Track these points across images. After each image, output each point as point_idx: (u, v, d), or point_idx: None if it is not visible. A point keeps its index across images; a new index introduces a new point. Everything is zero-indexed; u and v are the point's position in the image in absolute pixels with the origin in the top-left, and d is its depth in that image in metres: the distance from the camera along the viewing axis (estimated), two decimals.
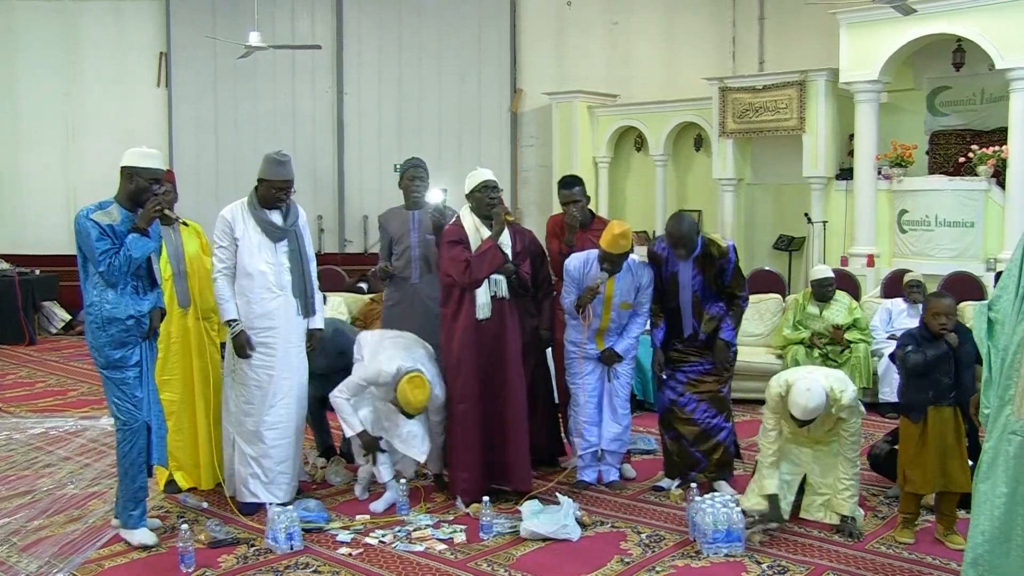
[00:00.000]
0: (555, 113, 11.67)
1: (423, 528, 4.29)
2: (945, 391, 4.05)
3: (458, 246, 4.63)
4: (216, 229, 4.50)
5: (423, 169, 5.33)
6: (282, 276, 4.50)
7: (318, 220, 12.21)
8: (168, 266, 4.71)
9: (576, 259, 4.75)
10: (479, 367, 4.61)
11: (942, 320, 4.06)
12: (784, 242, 10.13)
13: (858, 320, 6.72)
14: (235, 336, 4.42)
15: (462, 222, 4.71)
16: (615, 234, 4.49)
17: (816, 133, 9.40)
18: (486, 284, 4.62)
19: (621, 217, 11.88)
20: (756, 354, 7.08)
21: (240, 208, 4.51)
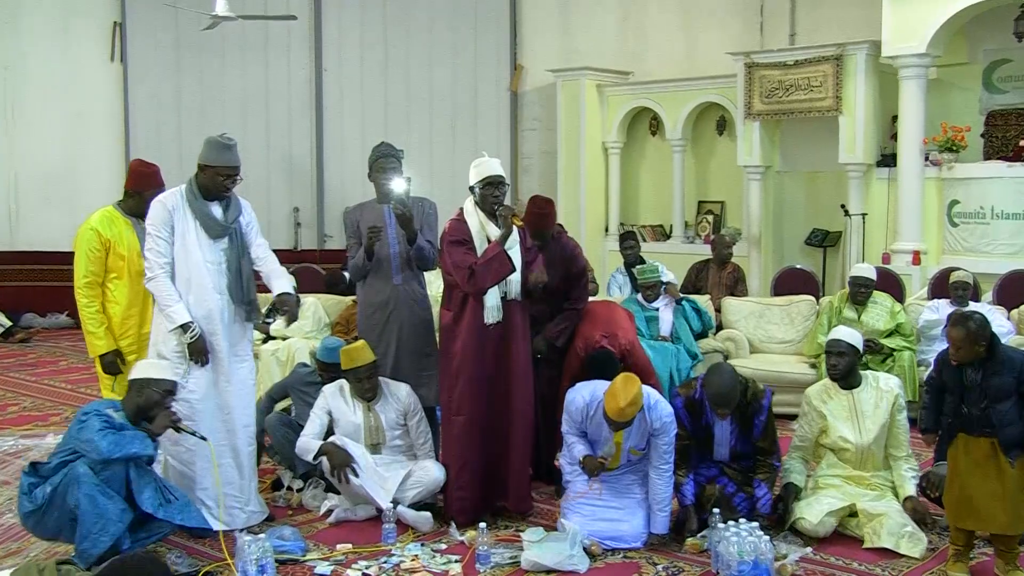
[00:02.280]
0: (560, 93, 11.66)
1: (412, 559, 4.27)
2: (973, 422, 4.04)
3: (461, 248, 4.64)
4: (151, 217, 4.49)
5: (395, 159, 5.23)
6: (221, 277, 4.54)
7: (294, 213, 12.21)
8: (138, 260, 4.79)
9: (579, 398, 4.57)
10: (482, 377, 4.65)
11: (952, 351, 4.08)
12: (818, 237, 10.11)
13: (901, 325, 6.72)
14: (194, 341, 4.43)
15: (465, 217, 4.72)
16: (622, 407, 4.27)
17: (854, 114, 9.39)
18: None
19: (635, 210, 11.93)
20: (786, 363, 7.09)
21: (179, 197, 4.51)
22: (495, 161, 4.75)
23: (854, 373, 4.71)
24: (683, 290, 8.08)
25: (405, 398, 4.97)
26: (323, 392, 5.01)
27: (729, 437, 4.65)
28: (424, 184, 12.14)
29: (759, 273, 10.16)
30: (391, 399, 4.96)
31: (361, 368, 4.86)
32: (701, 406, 4.60)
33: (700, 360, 6.85)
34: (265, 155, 12.15)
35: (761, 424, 4.63)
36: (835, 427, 4.67)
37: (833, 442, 4.68)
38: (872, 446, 4.63)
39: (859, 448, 4.63)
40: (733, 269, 8.33)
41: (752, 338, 7.45)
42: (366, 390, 4.89)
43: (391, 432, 4.95)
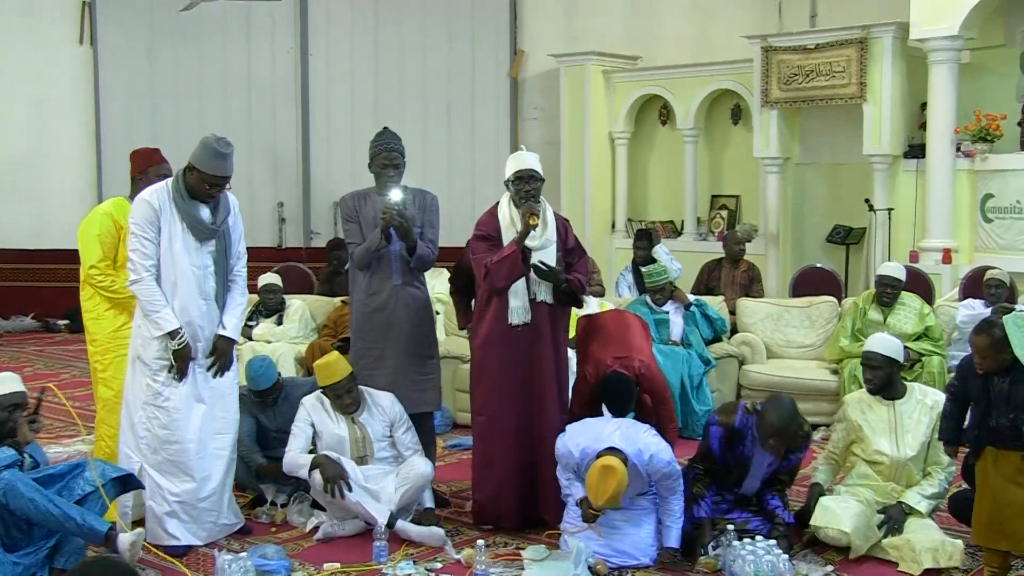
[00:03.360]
0: (563, 79, 11.65)
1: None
2: (1000, 433, 4.02)
3: (484, 243, 4.78)
4: (135, 215, 4.48)
5: (399, 152, 5.15)
6: (207, 282, 4.55)
7: (279, 208, 12.21)
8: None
9: (569, 452, 4.49)
10: (507, 378, 4.77)
11: (976, 360, 4.06)
12: (840, 234, 10.10)
13: (930, 328, 6.71)
14: (180, 349, 4.44)
15: (497, 212, 4.84)
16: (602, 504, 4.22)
17: (880, 102, 9.38)
18: (523, 283, 4.74)
19: (644, 205, 11.91)
20: (807, 369, 7.08)
21: (166, 195, 4.50)
22: (529, 155, 4.86)
23: (894, 385, 4.69)
24: (695, 291, 8.08)
25: (390, 408, 4.98)
26: (303, 404, 5.01)
27: (765, 470, 4.61)
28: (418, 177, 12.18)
29: (777, 272, 10.15)
30: (375, 409, 4.97)
31: (340, 383, 4.87)
32: (741, 436, 4.55)
33: (713, 366, 6.85)
34: (247, 147, 12.09)
35: (796, 461, 4.66)
36: (872, 439, 4.67)
37: (868, 455, 4.69)
38: (910, 462, 4.63)
39: (895, 462, 4.63)
40: (748, 268, 8.33)
41: (769, 342, 7.44)
42: (347, 405, 4.90)
43: (378, 444, 4.96)
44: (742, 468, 4.60)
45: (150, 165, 5.04)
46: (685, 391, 6.66)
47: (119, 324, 4.93)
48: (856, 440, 4.75)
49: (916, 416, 4.67)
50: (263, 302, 7.60)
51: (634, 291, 8.19)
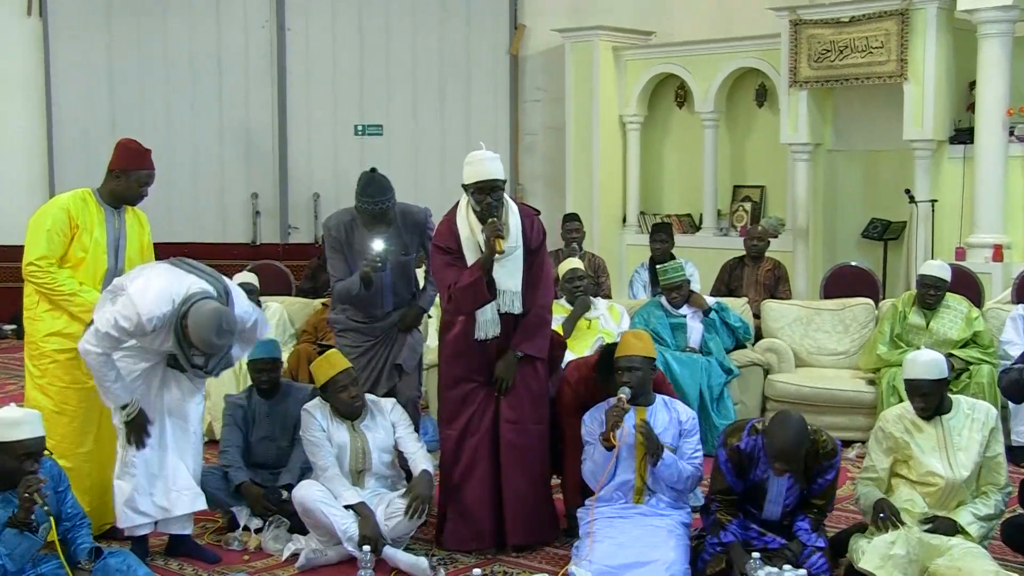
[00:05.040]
0: (569, 57, 11.63)
1: None
2: None
3: (444, 256, 4.86)
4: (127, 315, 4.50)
5: (386, 206, 5.29)
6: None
7: (253, 200, 12.18)
8: (102, 259, 4.94)
9: (595, 409, 4.84)
10: (475, 392, 4.91)
11: None
12: (877, 229, 10.08)
13: (979, 334, 6.69)
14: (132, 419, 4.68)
15: (456, 219, 4.85)
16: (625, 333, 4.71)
17: (923, 81, 9.34)
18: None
19: (658, 197, 11.89)
20: (840, 379, 7.07)
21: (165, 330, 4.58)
22: (491, 160, 4.79)
23: (942, 402, 4.65)
24: (715, 292, 8.06)
25: (391, 412, 5.09)
26: (307, 411, 5.03)
27: (784, 495, 4.58)
28: (408, 169, 12.22)
29: (806, 271, 10.11)
30: (377, 414, 5.07)
31: (341, 375, 4.92)
32: (751, 459, 4.53)
33: (736, 375, 6.83)
34: (217, 132, 12.12)
35: (825, 484, 4.57)
36: (921, 460, 4.59)
37: (919, 476, 4.61)
38: (963, 484, 4.56)
39: (949, 484, 4.55)
40: (773, 266, 8.31)
41: (798, 349, 7.42)
42: (353, 398, 4.94)
43: (379, 455, 5.01)
44: (759, 494, 4.57)
45: (135, 168, 5.04)
46: (704, 403, 6.64)
47: (58, 327, 4.96)
48: (902, 460, 4.67)
49: (967, 433, 4.60)
50: None
51: (649, 291, 8.17)
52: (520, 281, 4.89)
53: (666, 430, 4.73)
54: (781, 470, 4.39)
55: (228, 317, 4.49)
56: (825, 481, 4.57)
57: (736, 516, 4.60)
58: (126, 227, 5.11)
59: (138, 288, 4.50)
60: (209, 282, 4.61)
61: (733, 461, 4.54)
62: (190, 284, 4.54)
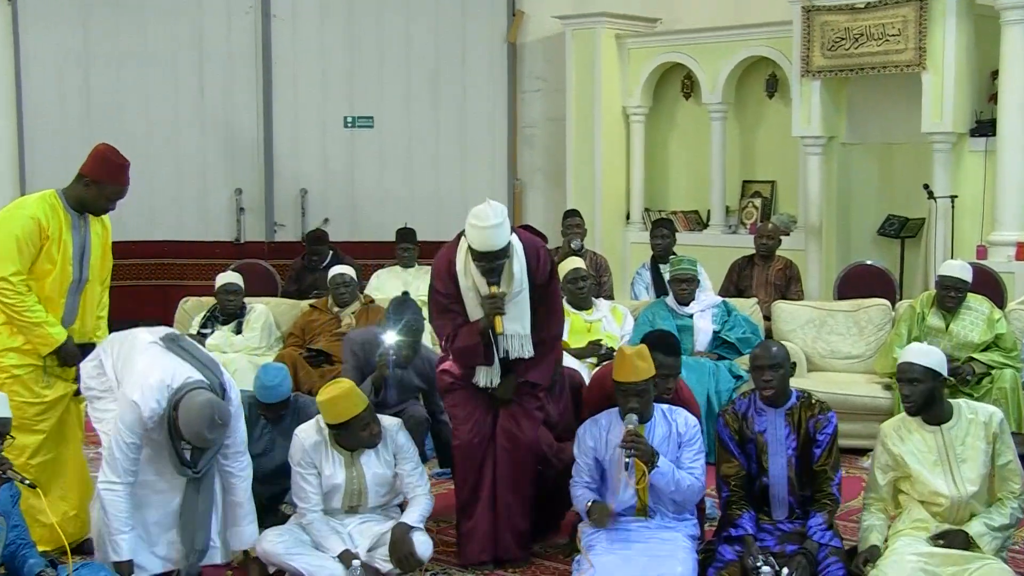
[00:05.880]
0: (570, 45, 11.63)
1: None
2: None
3: (441, 300, 4.96)
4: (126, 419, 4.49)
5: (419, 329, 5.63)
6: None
7: (236, 197, 12.17)
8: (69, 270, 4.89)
9: (585, 427, 4.87)
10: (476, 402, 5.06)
11: None
12: (894, 226, 10.09)
13: (1001, 337, 6.70)
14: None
15: (455, 262, 4.88)
16: (627, 355, 4.64)
17: (942, 70, 9.34)
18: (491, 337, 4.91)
19: (663, 192, 11.90)
20: (855, 384, 7.09)
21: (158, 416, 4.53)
22: (496, 229, 4.72)
23: (938, 404, 4.56)
24: (723, 292, 8.10)
25: (395, 435, 4.97)
26: (298, 438, 4.92)
27: (786, 442, 4.70)
28: (401, 163, 12.23)
29: (820, 271, 10.11)
30: (379, 445, 4.94)
31: (359, 418, 4.79)
32: (745, 419, 4.80)
33: (744, 380, 6.85)
34: (199, 125, 12.11)
35: (826, 440, 4.70)
36: (922, 477, 4.53)
37: (922, 496, 4.56)
38: (972, 499, 4.50)
39: (956, 503, 4.49)
40: (784, 266, 8.32)
41: (811, 352, 7.45)
42: (374, 435, 4.85)
43: (375, 491, 4.95)
44: (761, 448, 4.74)
45: (109, 182, 4.96)
46: (712, 409, 6.64)
47: (16, 344, 4.93)
48: (902, 477, 4.63)
49: (970, 441, 4.52)
50: (220, 306, 7.59)
51: (652, 292, 8.18)
52: (528, 323, 4.93)
53: (663, 443, 4.74)
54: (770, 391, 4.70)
55: (221, 410, 4.44)
56: (825, 437, 4.71)
57: (749, 510, 4.70)
58: (91, 233, 5.03)
59: (132, 385, 4.48)
60: (204, 374, 4.58)
61: (731, 427, 4.79)
62: (186, 374, 4.51)
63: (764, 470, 4.76)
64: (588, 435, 4.82)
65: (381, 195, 12.07)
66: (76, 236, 4.95)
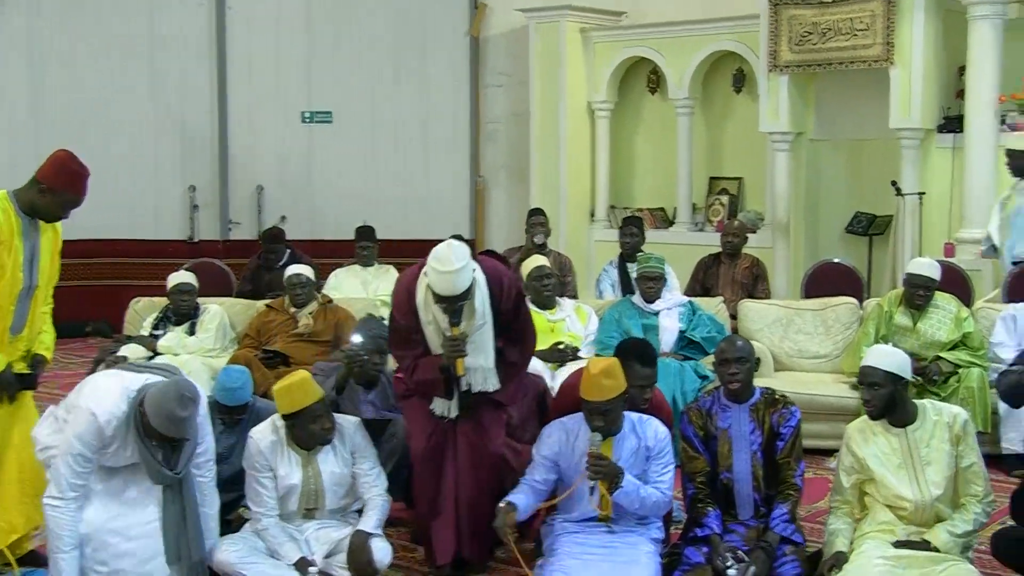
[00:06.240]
0: (534, 39, 11.63)
1: None
2: None
3: (399, 327, 4.95)
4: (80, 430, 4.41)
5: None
6: None
7: (190, 193, 12.10)
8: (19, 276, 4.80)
9: (552, 428, 4.80)
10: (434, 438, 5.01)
11: None
12: (862, 223, 10.15)
13: (969, 335, 6.76)
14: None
15: (416, 294, 4.84)
16: (594, 374, 4.53)
17: (910, 66, 9.40)
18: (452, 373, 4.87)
19: (629, 189, 11.92)
20: (822, 384, 7.12)
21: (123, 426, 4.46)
22: (459, 274, 4.66)
23: (902, 407, 4.56)
24: (690, 291, 8.13)
25: (353, 434, 4.98)
26: (253, 440, 4.89)
27: (750, 438, 4.77)
28: (361, 159, 12.18)
29: (787, 269, 10.18)
30: (337, 443, 4.94)
31: (312, 408, 4.78)
32: (709, 415, 4.88)
33: (711, 380, 6.87)
34: (151, 119, 12.01)
35: (789, 433, 4.79)
36: (886, 481, 4.55)
37: (887, 499, 4.59)
38: (938, 502, 4.52)
39: (920, 507, 4.52)
40: (751, 264, 8.36)
41: (777, 352, 7.48)
42: (326, 430, 4.82)
43: (333, 492, 4.93)
44: (725, 444, 4.81)
45: (66, 191, 4.85)
46: (678, 410, 6.65)
47: None
48: (867, 480, 4.65)
49: (935, 443, 4.53)
50: (173, 306, 7.54)
51: (619, 290, 8.20)
52: (491, 355, 4.89)
53: (631, 456, 4.69)
54: (736, 384, 4.78)
55: (188, 385, 4.40)
56: (788, 430, 4.78)
57: (715, 508, 4.75)
58: (41, 239, 4.92)
59: (88, 394, 4.44)
60: (166, 377, 4.53)
61: (696, 424, 4.87)
62: (146, 379, 4.47)
63: (728, 466, 4.80)
64: (554, 437, 4.77)
65: (340, 192, 12.03)
66: (27, 242, 4.83)
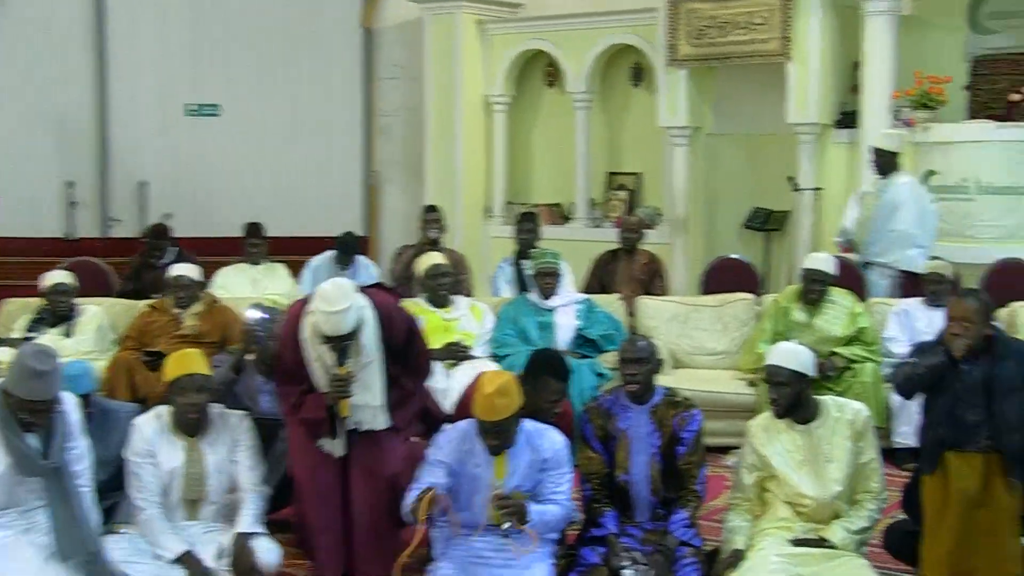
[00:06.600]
0: (428, 31, 11.62)
1: None
2: (970, 431, 4.18)
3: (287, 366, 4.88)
4: None
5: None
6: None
7: (68, 189, 11.90)
8: None
9: (448, 434, 4.76)
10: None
11: (954, 329, 4.19)
12: (760, 218, 10.30)
13: (863, 331, 6.88)
14: None
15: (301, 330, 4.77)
16: (487, 393, 4.42)
17: (807, 61, 9.57)
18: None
19: (526, 185, 11.96)
20: (719, 381, 7.19)
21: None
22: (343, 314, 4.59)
23: (805, 404, 4.64)
24: (587, 287, 8.15)
25: (236, 425, 4.95)
26: (137, 426, 4.83)
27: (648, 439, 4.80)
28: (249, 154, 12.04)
29: (685, 265, 10.29)
30: (223, 431, 4.91)
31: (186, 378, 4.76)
32: (609, 415, 4.89)
33: (608, 379, 6.91)
34: (26, 112, 11.80)
35: (691, 438, 4.81)
36: (788, 478, 4.61)
37: (788, 496, 4.65)
38: (837, 499, 4.59)
39: (821, 504, 4.59)
40: (649, 260, 8.41)
41: (675, 349, 7.53)
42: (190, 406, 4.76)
43: (218, 479, 4.86)
44: (623, 445, 4.83)
45: None
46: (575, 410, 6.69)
47: None
48: (768, 477, 4.70)
49: (837, 440, 4.61)
50: (49, 307, 7.37)
51: (515, 287, 8.21)
52: (380, 393, 4.83)
53: (526, 470, 4.64)
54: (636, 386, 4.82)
55: (44, 346, 4.37)
56: (690, 434, 4.82)
57: (612, 508, 4.79)
58: None
59: None
60: None
61: (595, 423, 4.89)
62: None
63: (626, 468, 4.83)
64: (446, 444, 4.70)
65: (228, 188, 11.91)
66: None
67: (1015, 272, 7.97)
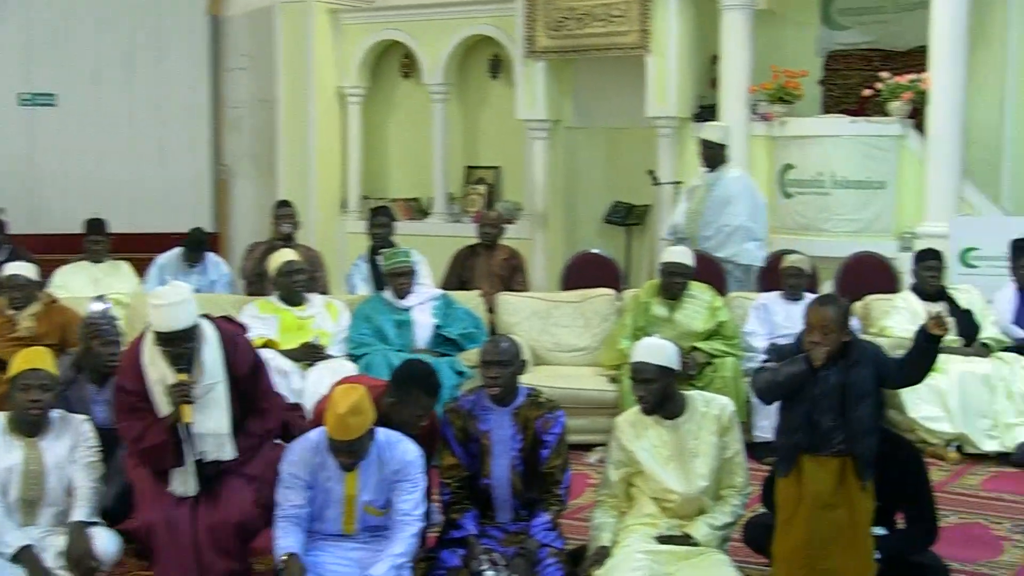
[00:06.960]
0: (279, 19, 11.53)
1: None
2: (825, 435, 4.30)
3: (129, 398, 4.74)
4: None
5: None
6: None
7: None
8: None
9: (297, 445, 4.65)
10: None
11: (813, 337, 4.30)
12: (620, 213, 10.42)
13: (723, 325, 6.98)
14: None
15: (142, 356, 4.69)
16: (340, 413, 4.33)
17: (666, 54, 9.70)
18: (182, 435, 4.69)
19: (383, 179, 11.93)
20: (580, 378, 7.22)
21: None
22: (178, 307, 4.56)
23: (673, 400, 4.68)
24: (446, 284, 8.15)
25: (77, 427, 4.87)
26: None
27: (511, 443, 4.80)
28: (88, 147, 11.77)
29: (545, 260, 10.38)
30: (65, 434, 4.84)
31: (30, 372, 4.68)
32: (471, 416, 4.86)
33: (468, 376, 6.93)
34: None
35: (554, 440, 4.81)
36: (655, 474, 4.65)
37: (654, 492, 4.69)
38: (702, 494, 4.66)
39: (687, 499, 4.65)
40: (509, 255, 8.45)
41: (536, 345, 7.54)
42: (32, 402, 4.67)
43: (57, 478, 4.77)
44: (484, 448, 4.83)
45: None
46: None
47: None
48: (635, 473, 4.75)
49: (703, 435, 4.67)
50: None
51: (370, 285, 8.18)
52: (226, 421, 4.74)
53: (377, 485, 4.59)
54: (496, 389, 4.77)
55: None
56: (552, 437, 4.82)
57: (471, 509, 4.79)
58: None
59: None
60: None
61: (455, 425, 4.86)
62: None
63: (487, 471, 4.83)
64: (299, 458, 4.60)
65: (66, 182, 11.63)
66: None
67: (869, 265, 8.23)
